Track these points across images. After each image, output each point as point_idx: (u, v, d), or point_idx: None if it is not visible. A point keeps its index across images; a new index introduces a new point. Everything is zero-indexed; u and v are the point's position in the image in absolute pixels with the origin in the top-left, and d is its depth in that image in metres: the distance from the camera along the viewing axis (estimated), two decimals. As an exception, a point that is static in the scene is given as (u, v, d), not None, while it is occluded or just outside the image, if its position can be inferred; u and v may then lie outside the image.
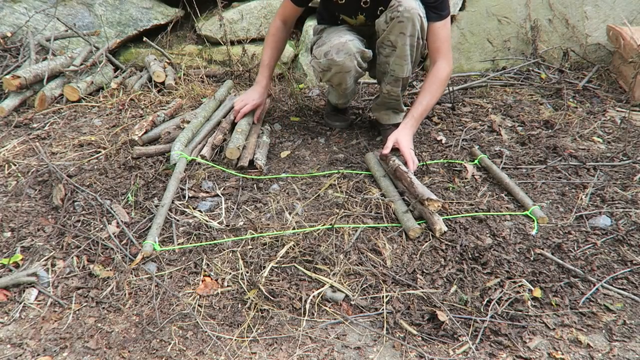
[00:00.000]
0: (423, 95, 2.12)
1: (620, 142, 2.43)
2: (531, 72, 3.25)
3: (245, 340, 1.40)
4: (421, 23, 1.99)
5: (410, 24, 1.97)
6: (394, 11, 1.97)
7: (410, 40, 2.03)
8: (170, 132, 2.34)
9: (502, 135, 2.48)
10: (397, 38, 2.03)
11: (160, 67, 3.09)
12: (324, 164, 2.24)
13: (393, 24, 1.99)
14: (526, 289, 1.54)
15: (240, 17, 3.36)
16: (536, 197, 2.01)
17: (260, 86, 2.39)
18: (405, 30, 1.99)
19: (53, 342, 1.39)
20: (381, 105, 2.41)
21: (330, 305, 1.51)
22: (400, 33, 2.00)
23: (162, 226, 1.77)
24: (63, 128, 2.58)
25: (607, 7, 3.34)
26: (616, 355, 1.35)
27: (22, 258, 1.67)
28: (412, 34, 2.01)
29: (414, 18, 1.96)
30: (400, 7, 1.95)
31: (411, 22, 1.97)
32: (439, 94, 2.15)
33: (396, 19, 1.97)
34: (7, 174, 2.16)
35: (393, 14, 1.98)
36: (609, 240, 1.76)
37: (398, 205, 1.85)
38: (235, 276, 1.60)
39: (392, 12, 1.98)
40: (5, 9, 3.36)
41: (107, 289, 1.56)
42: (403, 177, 1.91)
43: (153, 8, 3.50)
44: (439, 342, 1.40)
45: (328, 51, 2.09)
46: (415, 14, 1.95)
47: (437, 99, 2.16)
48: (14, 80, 2.71)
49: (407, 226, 1.75)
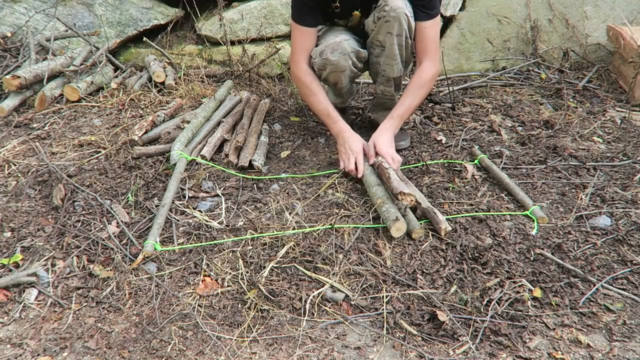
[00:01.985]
0: (405, 96, 2.12)
1: (620, 142, 2.43)
2: (531, 72, 3.25)
3: (245, 340, 1.40)
4: (408, 22, 1.99)
5: (397, 23, 1.97)
6: (381, 11, 1.97)
7: (398, 40, 2.02)
8: (170, 132, 2.34)
9: (502, 135, 2.48)
10: (385, 38, 2.03)
11: (160, 67, 3.09)
12: (324, 164, 2.24)
13: (380, 24, 1.99)
14: (526, 289, 1.54)
15: (241, 17, 3.36)
16: (536, 197, 2.01)
17: (349, 133, 2.10)
18: (392, 30, 1.99)
19: (53, 342, 1.39)
20: (378, 105, 2.41)
21: (330, 305, 1.51)
22: (387, 33, 2.00)
23: (162, 226, 1.77)
24: (63, 128, 2.58)
25: (607, 7, 3.34)
26: (616, 355, 1.35)
27: (22, 258, 1.67)
28: (400, 33, 2.00)
29: (400, 17, 1.95)
30: (386, 6, 1.95)
31: (398, 22, 1.96)
32: (422, 95, 2.14)
33: (383, 19, 1.97)
34: (7, 174, 2.16)
35: (380, 14, 1.98)
36: (609, 240, 1.76)
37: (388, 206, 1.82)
38: (235, 276, 1.60)
39: (379, 12, 1.98)
40: (5, 9, 3.36)
41: (107, 289, 1.56)
42: (383, 173, 1.92)
43: (153, 8, 3.50)
44: (439, 342, 1.40)
45: (323, 50, 2.09)
46: (402, 13, 1.95)
47: (420, 100, 2.15)
48: (14, 80, 2.71)
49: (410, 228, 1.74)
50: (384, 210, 1.77)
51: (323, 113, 2.15)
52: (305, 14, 2.09)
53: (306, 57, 2.14)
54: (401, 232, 1.72)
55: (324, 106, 2.13)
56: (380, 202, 1.80)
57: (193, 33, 3.56)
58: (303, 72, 2.15)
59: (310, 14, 2.09)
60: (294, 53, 2.17)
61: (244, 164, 2.14)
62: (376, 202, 1.82)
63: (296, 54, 2.16)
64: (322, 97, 2.14)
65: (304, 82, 2.15)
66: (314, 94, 2.14)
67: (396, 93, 2.30)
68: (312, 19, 2.11)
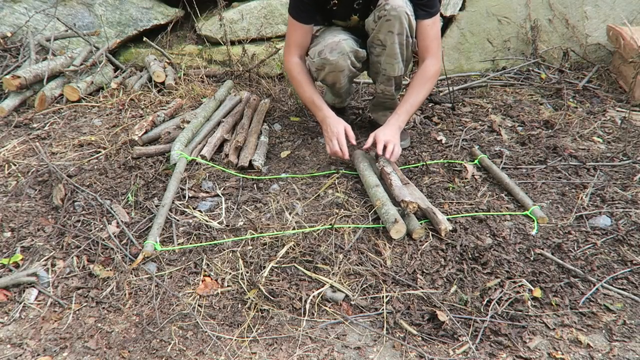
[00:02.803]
0: (409, 92, 2.13)
1: (620, 142, 2.43)
2: (531, 72, 3.25)
3: (245, 340, 1.40)
4: (409, 21, 1.99)
5: (398, 22, 1.97)
6: (381, 10, 1.97)
7: (399, 39, 2.03)
8: (170, 132, 2.34)
9: (502, 135, 2.48)
10: (385, 37, 2.03)
11: (160, 67, 3.09)
12: (324, 164, 2.24)
13: (381, 23, 2.00)
14: (526, 289, 1.54)
15: (241, 17, 3.36)
16: (536, 197, 2.01)
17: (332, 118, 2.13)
18: (393, 29, 1.99)
19: (53, 342, 1.39)
20: (378, 105, 2.41)
21: (330, 305, 1.51)
22: (388, 32, 2.00)
23: (162, 226, 1.77)
24: (63, 128, 2.58)
25: (607, 7, 3.34)
26: (616, 355, 1.35)
27: (22, 258, 1.67)
28: (400, 32, 2.00)
29: (401, 16, 1.96)
30: (387, 5, 1.95)
31: (398, 20, 1.97)
32: (426, 91, 2.14)
33: (384, 18, 1.97)
34: (7, 174, 2.16)
35: (380, 13, 1.98)
36: (609, 240, 1.76)
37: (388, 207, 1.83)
38: (235, 276, 1.60)
39: (380, 11, 1.98)
40: (5, 9, 3.36)
41: (107, 289, 1.56)
42: (386, 178, 1.93)
43: (153, 8, 3.50)
44: (439, 342, 1.40)
45: (322, 50, 2.10)
46: (402, 12, 1.95)
47: (424, 96, 2.15)
48: (14, 80, 2.71)
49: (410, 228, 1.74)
50: (383, 212, 1.77)
51: (309, 101, 2.21)
52: (302, 10, 2.11)
53: (298, 51, 2.20)
54: (401, 234, 1.72)
55: (309, 95, 2.19)
56: (380, 203, 1.80)
57: (193, 33, 3.56)
58: (293, 65, 2.20)
59: (306, 11, 2.11)
60: (287, 46, 2.22)
61: (244, 164, 2.14)
62: (376, 204, 1.82)
63: (289, 46, 2.21)
64: (308, 87, 2.19)
65: (293, 74, 2.21)
66: (301, 84, 2.20)
67: (396, 92, 2.30)
68: (308, 16, 2.13)
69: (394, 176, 1.90)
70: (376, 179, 1.95)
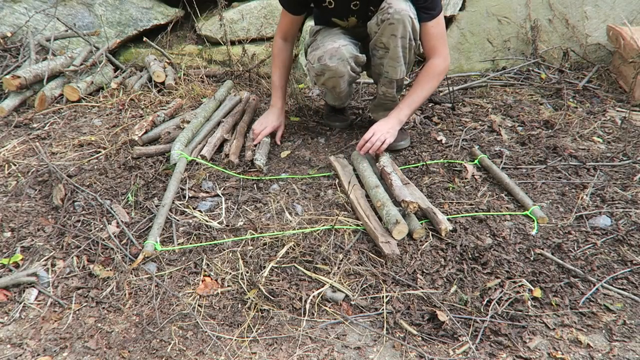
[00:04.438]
0: (413, 88, 2.14)
1: (620, 142, 2.43)
2: (531, 72, 3.25)
3: (245, 340, 1.40)
4: (412, 24, 1.99)
5: (401, 25, 1.97)
6: (385, 13, 1.97)
7: (402, 42, 2.03)
8: (170, 132, 2.34)
9: (502, 135, 2.48)
10: (389, 40, 2.03)
11: (160, 67, 3.09)
12: (324, 164, 2.24)
13: (384, 26, 1.99)
14: (526, 289, 1.54)
15: (241, 17, 3.36)
16: (536, 197, 2.01)
17: (276, 108, 2.39)
18: (396, 32, 1.99)
19: (53, 342, 1.39)
20: (378, 106, 2.41)
21: (330, 305, 1.51)
22: (391, 35, 2.00)
23: (162, 226, 1.77)
24: (63, 128, 2.58)
25: (607, 7, 3.34)
26: (616, 355, 1.35)
27: (22, 258, 1.67)
28: (404, 35, 2.01)
29: (404, 20, 1.96)
30: (390, 9, 1.95)
31: (402, 24, 1.97)
32: (430, 88, 2.14)
33: (387, 21, 1.97)
34: (7, 174, 2.16)
35: (384, 16, 1.98)
36: (609, 240, 1.76)
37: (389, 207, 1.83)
38: (235, 276, 1.60)
39: (383, 15, 1.98)
40: (5, 9, 3.36)
41: (107, 289, 1.56)
42: (386, 178, 1.93)
43: (153, 8, 3.50)
44: (439, 342, 1.40)
45: (321, 56, 2.10)
46: (406, 16, 1.95)
47: (428, 93, 2.16)
48: (14, 80, 2.71)
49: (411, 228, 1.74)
50: (384, 213, 1.77)
51: (272, 82, 2.41)
52: (292, 1, 2.17)
53: (284, 36, 2.32)
54: (403, 234, 1.72)
55: (275, 78, 2.38)
56: (380, 204, 1.80)
57: (193, 33, 3.56)
58: (275, 44, 2.35)
59: (296, 3, 2.18)
60: (277, 30, 2.34)
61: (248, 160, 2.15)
62: (376, 205, 1.82)
63: (278, 31, 2.33)
64: (277, 69, 2.36)
65: (273, 52, 2.37)
66: (274, 64, 2.37)
67: (397, 94, 2.30)
68: (297, 7, 2.20)
69: (394, 176, 1.90)
70: (376, 179, 1.95)
